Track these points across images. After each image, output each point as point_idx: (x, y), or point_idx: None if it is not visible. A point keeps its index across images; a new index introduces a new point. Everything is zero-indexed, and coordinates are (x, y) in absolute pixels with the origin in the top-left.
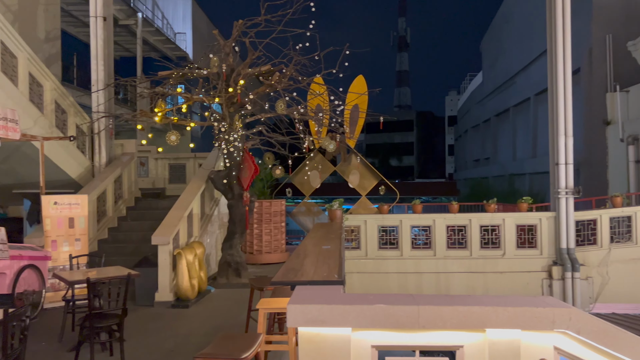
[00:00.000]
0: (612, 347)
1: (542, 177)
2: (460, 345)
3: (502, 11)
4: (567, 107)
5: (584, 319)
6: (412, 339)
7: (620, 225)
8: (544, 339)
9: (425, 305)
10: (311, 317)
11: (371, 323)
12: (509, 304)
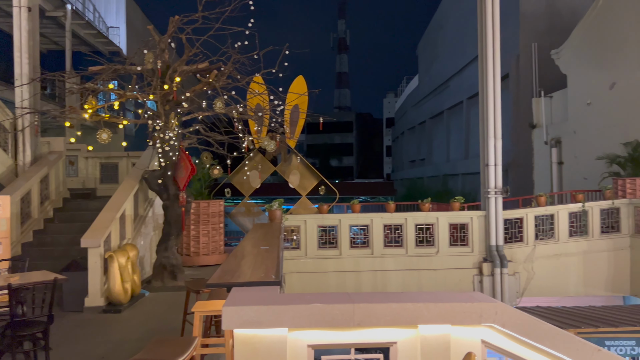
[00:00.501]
0: (534, 339)
1: (473, 177)
2: (394, 342)
3: (437, 17)
4: (497, 111)
5: (508, 312)
6: (348, 337)
7: (544, 223)
8: (472, 333)
9: (361, 304)
10: (247, 319)
11: (308, 323)
12: (440, 300)
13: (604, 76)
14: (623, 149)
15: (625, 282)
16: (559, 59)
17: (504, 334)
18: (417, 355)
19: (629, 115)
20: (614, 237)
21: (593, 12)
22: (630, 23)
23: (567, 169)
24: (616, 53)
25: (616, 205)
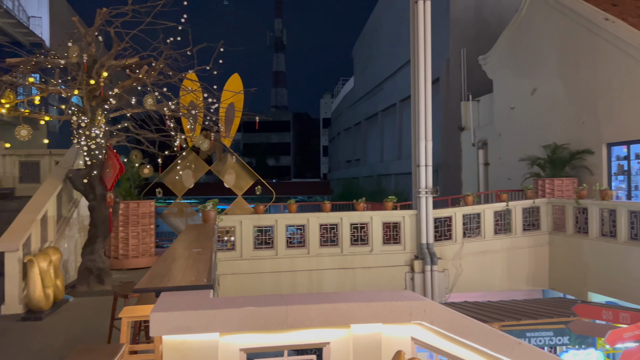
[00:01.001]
0: (460, 335)
1: (406, 177)
2: (327, 342)
3: (372, 21)
4: (427, 113)
5: (436, 310)
6: (281, 339)
7: (471, 221)
8: (402, 330)
9: (293, 305)
10: (176, 325)
11: (240, 326)
12: (371, 299)
13: (526, 82)
14: (543, 151)
15: (544, 276)
16: (486, 65)
17: (432, 330)
18: (350, 354)
19: (549, 120)
20: (534, 234)
21: (516, 21)
22: (549, 34)
23: (492, 170)
24: (537, 61)
25: (536, 205)
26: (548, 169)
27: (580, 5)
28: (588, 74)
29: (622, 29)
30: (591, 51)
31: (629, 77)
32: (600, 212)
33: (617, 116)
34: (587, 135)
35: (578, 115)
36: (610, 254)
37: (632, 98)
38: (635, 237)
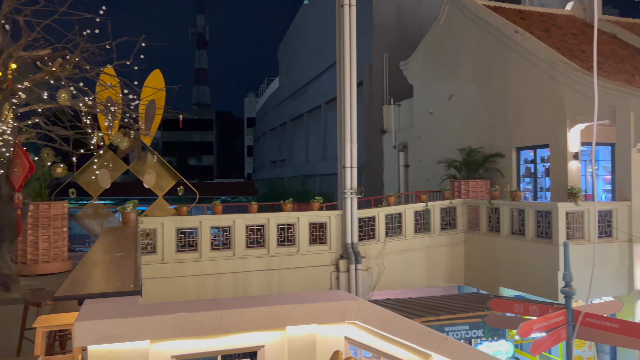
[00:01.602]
0: (391, 332)
1: (331, 178)
2: (262, 345)
3: (297, 22)
4: (353, 116)
5: (369, 309)
6: (215, 344)
7: (393, 221)
8: (336, 330)
9: (228, 309)
10: (104, 334)
11: (172, 333)
12: (306, 300)
13: (444, 88)
14: (459, 154)
15: (460, 273)
16: (407, 70)
17: (365, 329)
18: (285, 356)
19: (464, 124)
20: (451, 233)
21: (435, 30)
22: (465, 43)
23: (412, 171)
24: (454, 68)
25: (453, 205)
26: (463, 171)
27: (493, 17)
28: (499, 82)
29: (529, 41)
30: (502, 61)
31: (536, 86)
32: (510, 212)
33: (525, 123)
34: (498, 139)
35: (491, 120)
36: (519, 250)
37: (538, 106)
38: (541, 235)
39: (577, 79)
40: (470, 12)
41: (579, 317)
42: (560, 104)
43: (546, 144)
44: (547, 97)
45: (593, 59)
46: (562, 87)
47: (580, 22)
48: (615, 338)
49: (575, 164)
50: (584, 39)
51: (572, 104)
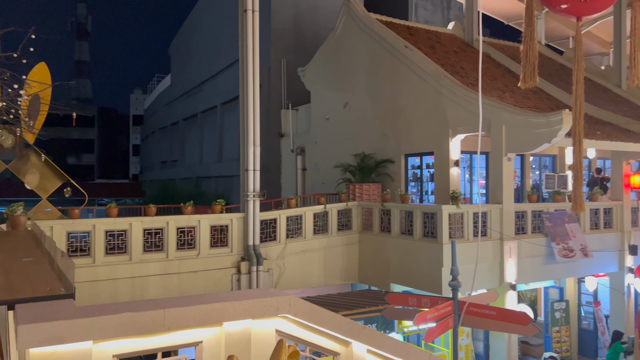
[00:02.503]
0: (318, 324)
1: (226, 180)
2: (200, 341)
3: (192, 19)
4: (256, 120)
5: (299, 303)
6: (154, 342)
7: (294, 223)
8: (268, 324)
9: (171, 308)
10: (48, 336)
11: (116, 332)
12: (242, 297)
13: (339, 96)
14: (354, 159)
15: (354, 271)
16: (304, 77)
17: (294, 322)
18: (222, 350)
19: (359, 131)
20: (347, 233)
21: (332, 39)
22: (359, 53)
23: (309, 175)
24: (349, 77)
25: (349, 207)
26: (358, 175)
27: (385, 31)
28: (390, 92)
29: (418, 56)
30: (393, 73)
31: (422, 98)
32: (400, 214)
33: (412, 131)
34: (389, 146)
35: (382, 128)
36: (408, 249)
37: (424, 117)
38: (427, 234)
39: (459, 94)
40: (364, 25)
41: (464, 307)
42: (443, 116)
43: (431, 151)
44: (433, 108)
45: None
46: (445, 100)
47: (460, 41)
48: (494, 324)
49: (456, 170)
50: (464, 57)
51: (454, 116)
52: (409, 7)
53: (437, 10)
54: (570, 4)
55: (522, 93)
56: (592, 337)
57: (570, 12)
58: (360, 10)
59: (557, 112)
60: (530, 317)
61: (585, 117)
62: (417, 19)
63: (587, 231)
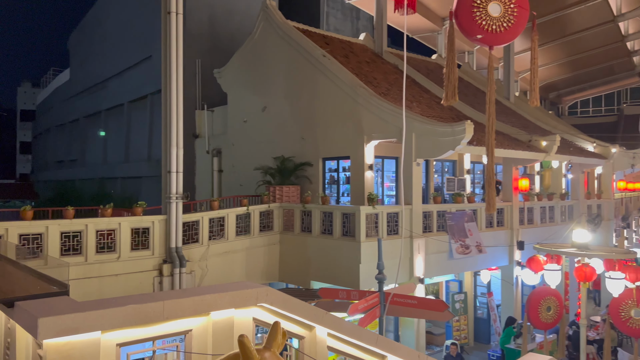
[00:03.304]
0: (290, 311)
1: (134, 181)
2: (190, 329)
3: (95, 13)
4: (179, 122)
5: (274, 293)
6: (150, 331)
7: (216, 224)
8: (246, 313)
9: (169, 300)
10: (65, 327)
11: (122, 323)
12: (226, 290)
13: (257, 99)
14: (273, 161)
15: (275, 270)
16: (221, 79)
17: (268, 310)
18: (209, 337)
19: (277, 134)
20: (268, 234)
21: (250, 43)
22: (278, 59)
23: (225, 176)
24: (267, 81)
25: (271, 208)
26: (277, 178)
27: (304, 39)
28: (308, 98)
29: (335, 65)
30: (311, 80)
31: (339, 105)
32: (320, 215)
33: (330, 136)
34: (307, 150)
35: (301, 133)
36: (328, 248)
37: (341, 123)
38: (346, 233)
39: (373, 103)
40: (283, 32)
41: (389, 298)
42: (359, 123)
43: (347, 155)
44: (349, 115)
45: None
46: (361, 108)
47: (371, 51)
48: (416, 312)
49: (370, 173)
50: (375, 67)
51: (369, 123)
52: (321, 14)
53: (347, 20)
54: (485, 35)
55: (426, 103)
56: (486, 325)
57: (484, 42)
58: (279, 17)
59: (461, 122)
60: (446, 304)
61: (482, 128)
62: (328, 27)
63: (483, 229)
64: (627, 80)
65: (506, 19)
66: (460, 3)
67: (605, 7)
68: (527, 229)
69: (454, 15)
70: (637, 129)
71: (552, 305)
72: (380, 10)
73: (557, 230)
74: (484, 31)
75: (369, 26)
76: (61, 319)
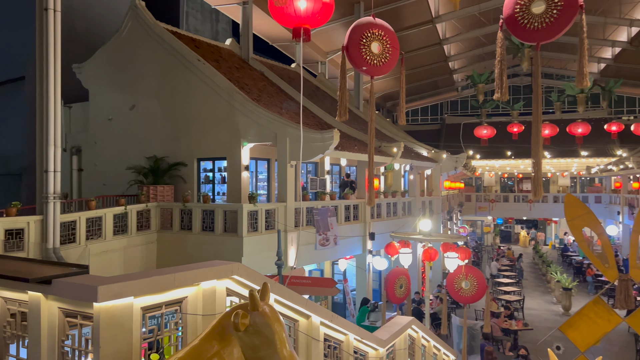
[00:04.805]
0: (252, 281)
1: None
2: (185, 297)
3: None
4: (57, 121)
5: (243, 268)
6: (159, 298)
7: (94, 224)
8: (223, 283)
9: (177, 272)
10: (114, 292)
11: (148, 290)
12: (212, 265)
13: (125, 97)
14: (146, 161)
15: (152, 268)
16: (81, 74)
17: (238, 282)
18: (199, 302)
19: (148, 134)
20: (146, 233)
21: (116, 40)
22: (149, 59)
23: (86, 176)
24: (137, 80)
25: (149, 208)
26: (150, 177)
27: (178, 43)
28: (183, 100)
29: (210, 70)
30: (186, 83)
31: (215, 109)
32: (201, 212)
33: (206, 138)
34: (181, 150)
35: (174, 133)
36: (210, 244)
37: (218, 125)
38: (228, 230)
39: (250, 108)
40: (154, 33)
41: (287, 280)
42: (236, 126)
43: (224, 156)
44: (225, 118)
45: (256, 92)
46: (237, 112)
47: (238, 57)
48: (311, 290)
49: (246, 174)
50: (244, 73)
51: (245, 127)
52: (181, 14)
53: (206, 21)
54: (368, 67)
55: (294, 110)
56: (342, 308)
57: (368, 73)
58: (150, 18)
59: (329, 130)
60: (335, 280)
61: (344, 135)
62: (188, 27)
63: (342, 223)
64: (448, 94)
65: (384, 55)
66: (350, 40)
67: (433, 32)
68: (376, 222)
69: (346, 49)
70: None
71: (403, 283)
72: (247, 18)
73: (400, 222)
74: (368, 64)
75: (229, 29)
76: (112, 286)
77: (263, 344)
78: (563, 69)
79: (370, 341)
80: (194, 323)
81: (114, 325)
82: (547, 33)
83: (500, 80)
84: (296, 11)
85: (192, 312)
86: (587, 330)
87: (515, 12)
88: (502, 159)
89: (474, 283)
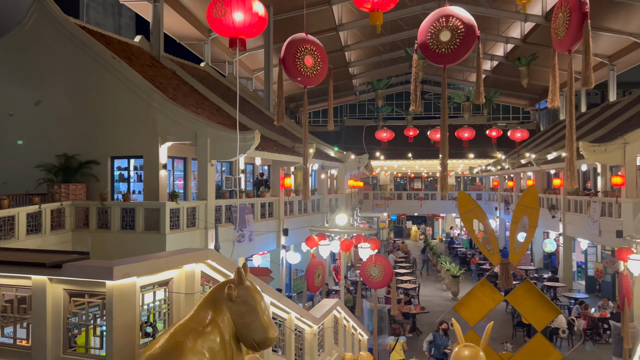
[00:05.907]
0: (223, 266)
1: None
2: (171, 278)
3: None
4: None
5: (215, 254)
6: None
7: (6, 224)
8: (199, 267)
9: (169, 257)
10: (124, 272)
11: (149, 271)
12: (191, 251)
13: (29, 92)
14: (56, 159)
15: None
16: None
17: (210, 266)
18: (182, 283)
19: (56, 131)
20: (60, 232)
21: (19, 32)
22: (58, 54)
23: None
24: (43, 75)
25: (63, 206)
26: (60, 176)
27: (90, 39)
28: (96, 97)
29: (125, 68)
30: (100, 80)
31: (132, 107)
32: (120, 211)
33: (121, 136)
34: (94, 148)
35: (86, 131)
36: (130, 242)
37: (134, 123)
38: (149, 227)
39: (168, 107)
40: (63, 27)
41: None
42: (154, 125)
43: (141, 155)
44: (143, 117)
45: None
46: (155, 111)
47: (149, 55)
48: None
49: (163, 172)
50: (157, 72)
51: (163, 125)
52: (81, 6)
53: (108, 15)
54: (302, 78)
55: (209, 110)
56: None
57: (302, 83)
58: (58, 12)
59: (251, 131)
60: (270, 269)
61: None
62: (89, 20)
63: (259, 219)
64: (347, 98)
65: (315, 68)
66: (286, 53)
67: (336, 38)
68: (289, 218)
69: (282, 61)
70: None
71: (320, 273)
72: (158, 16)
73: (310, 218)
74: (302, 75)
75: (132, 24)
76: (124, 267)
77: (248, 311)
78: (450, 78)
79: (307, 319)
80: (178, 301)
81: (123, 300)
82: (452, 57)
83: (415, 95)
84: (234, 23)
85: (176, 291)
86: (476, 308)
87: (427, 39)
88: (401, 160)
89: (382, 270)
